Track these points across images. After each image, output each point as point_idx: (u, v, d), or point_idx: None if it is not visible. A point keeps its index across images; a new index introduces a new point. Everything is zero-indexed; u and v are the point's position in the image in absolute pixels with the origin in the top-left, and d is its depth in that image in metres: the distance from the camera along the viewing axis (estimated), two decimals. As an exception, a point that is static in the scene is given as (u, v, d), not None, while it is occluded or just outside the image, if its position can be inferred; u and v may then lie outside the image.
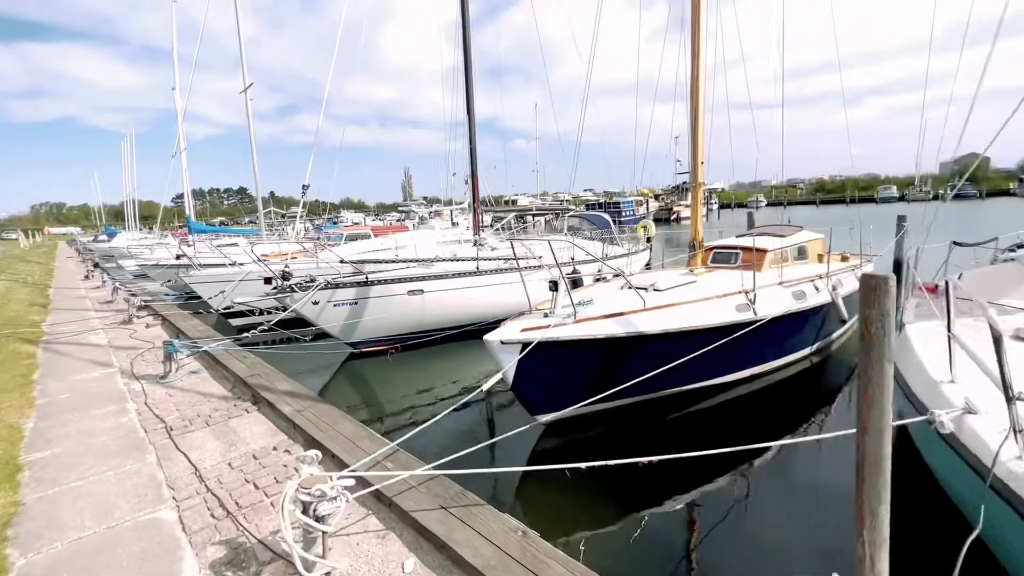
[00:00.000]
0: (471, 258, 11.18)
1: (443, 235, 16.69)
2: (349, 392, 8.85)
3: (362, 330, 10.37)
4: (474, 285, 11.10)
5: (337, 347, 10.26)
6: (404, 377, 9.27)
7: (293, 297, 9.53)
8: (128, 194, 52.85)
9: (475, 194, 12.45)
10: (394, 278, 10.33)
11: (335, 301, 9.96)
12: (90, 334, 9.32)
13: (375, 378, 9.40)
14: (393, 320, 10.56)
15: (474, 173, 12.33)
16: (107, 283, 16.95)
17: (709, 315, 6.67)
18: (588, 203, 58.11)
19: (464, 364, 9.72)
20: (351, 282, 9.99)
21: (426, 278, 10.61)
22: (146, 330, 9.57)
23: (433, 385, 8.66)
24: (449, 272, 10.85)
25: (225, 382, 6.18)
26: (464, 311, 11.16)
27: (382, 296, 10.29)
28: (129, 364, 7.21)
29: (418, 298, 10.56)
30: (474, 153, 12.26)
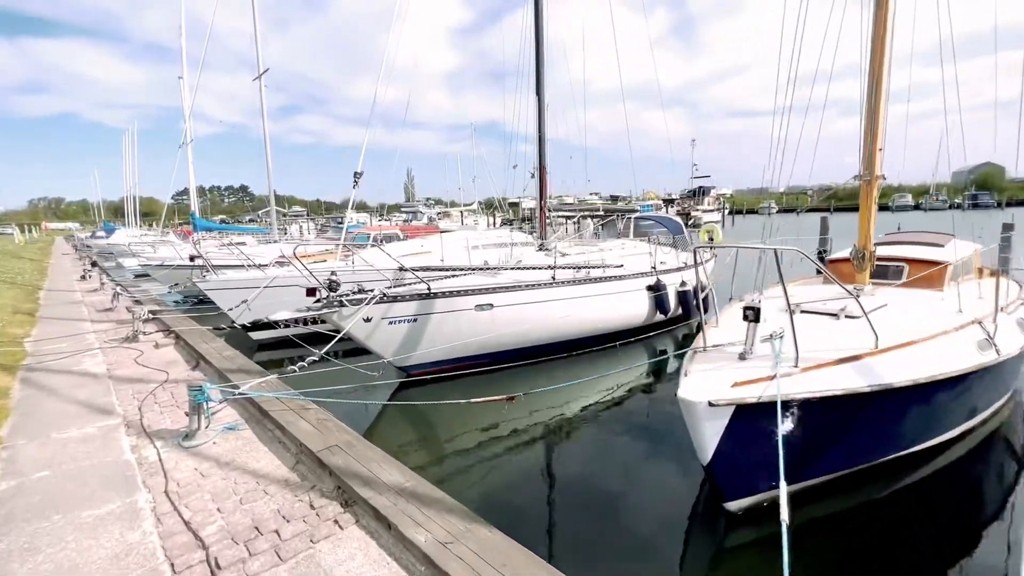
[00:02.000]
0: (547, 266, 9.16)
1: (486, 237, 14.67)
2: (447, 455, 6.78)
3: (420, 352, 8.33)
4: (551, 298, 9.08)
5: (369, 368, 8.22)
6: (506, 420, 7.19)
7: (342, 313, 7.48)
8: (128, 189, 50.27)
9: (542, 191, 10.45)
10: (460, 289, 8.30)
11: (391, 317, 7.92)
12: (85, 357, 7.20)
13: (450, 422, 7.33)
14: (456, 340, 8.52)
15: (542, 166, 10.33)
16: (106, 285, 14.76)
17: (954, 356, 4.70)
18: (607, 209, 56.18)
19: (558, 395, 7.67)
20: (412, 294, 7.95)
21: (496, 289, 8.58)
22: (155, 352, 7.46)
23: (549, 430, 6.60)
24: (521, 282, 8.82)
25: (283, 451, 4.12)
26: (538, 329, 9.14)
27: (446, 311, 8.26)
28: (137, 409, 5.12)
29: (486, 314, 8.53)
30: (543, 142, 10.27)
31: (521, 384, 8.30)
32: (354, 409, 6.63)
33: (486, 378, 8.59)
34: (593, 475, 5.07)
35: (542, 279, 9.12)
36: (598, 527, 4.26)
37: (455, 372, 8.20)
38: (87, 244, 39.68)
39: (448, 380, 8.52)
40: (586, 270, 9.65)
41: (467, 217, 48.78)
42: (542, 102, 10.16)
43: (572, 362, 9.26)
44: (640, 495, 4.82)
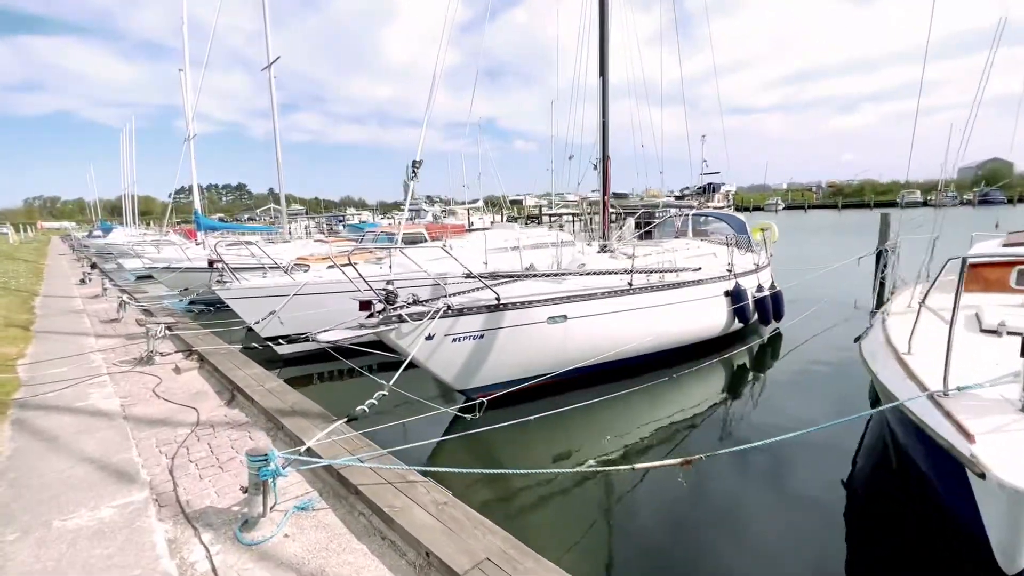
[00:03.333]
0: (623, 270, 7.85)
1: (527, 236, 13.34)
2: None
3: (484, 372, 7.03)
4: (628, 307, 7.79)
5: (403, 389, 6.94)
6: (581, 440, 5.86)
7: (400, 331, 6.16)
8: (126, 188, 48.40)
9: (605, 183, 9.14)
10: (531, 299, 6.99)
11: (455, 334, 6.61)
12: (92, 387, 5.84)
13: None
14: (525, 357, 7.23)
15: (606, 155, 9.02)
16: (108, 290, 13.32)
17: None
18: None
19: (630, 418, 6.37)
20: (480, 306, 6.64)
21: (571, 298, 7.28)
22: (177, 379, 6.10)
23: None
24: (596, 290, 7.53)
25: (391, 553, 2.80)
26: (613, 343, 7.85)
27: (515, 325, 6.95)
28: (167, 472, 3.78)
29: (560, 326, 7.23)
30: (606, 128, 8.94)
31: (597, 408, 7.03)
32: (427, 450, 5.31)
33: (556, 401, 7.30)
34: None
35: (616, 285, 7.82)
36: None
37: (516, 393, 6.98)
38: (84, 244, 37.99)
39: (515, 404, 7.25)
40: (659, 274, 8.36)
41: (472, 215, 47.28)
42: (606, 83, 8.84)
43: (647, 380, 7.98)
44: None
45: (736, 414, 6.68)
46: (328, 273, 9.61)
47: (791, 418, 6.26)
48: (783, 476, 4.85)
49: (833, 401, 6.86)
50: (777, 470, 4.95)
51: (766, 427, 6.02)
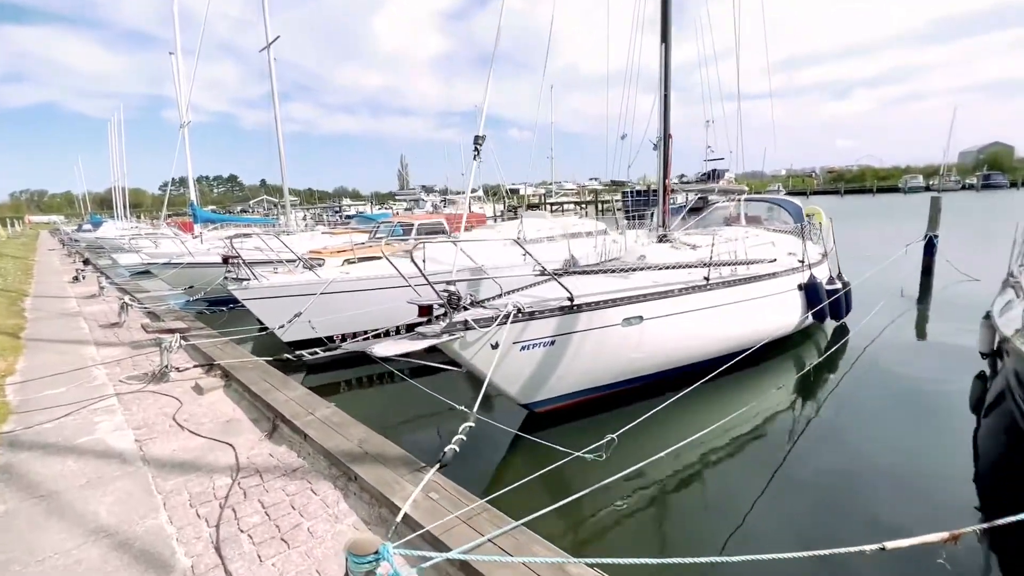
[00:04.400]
0: (701, 263, 6.84)
1: (559, 225, 12.29)
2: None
3: (553, 383, 6.04)
4: (705, 305, 6.82)
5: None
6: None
7: (466, 338, 5.15)
8: (116, 180, 46.51)
9: (666, 164, 8.09)
10: (606, 299, 5.99)
11: (524, 341, 5.60)
12: (97, 414, 4.77)
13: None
14: (597, 365, 6.25)
15: (667, 133, 7.96)
16: (105, 289, 12.13)
17: None
18: (624, 191, 53.50)
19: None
20: (552, 309, 5.63)
21: (647, 297, 6.29)
22: (199, 401, 5.03)
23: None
24: (672, 287, 6.54)
25: None
26: (689, 344, 6.91)
27: (588, 328, 5.96)
28: (213, 554, 2.75)
29: (635, 328, 6.25)
30: (667, 103, 7.87)
31: (673, 419, 6.07)
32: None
33: (624, 413, 6.35)
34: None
35: (689, 281, 6.83)
36: None
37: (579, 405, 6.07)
38: (74, 238, 36.36)
39: (582, 417, 6.29)
40: (730, 267, 7.37)
41: (474, 204, 46.00)
42: (668, 50, 7.76)
43: (721, 385, 7.04)
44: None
45: (847, 426, 5.72)
46: (356, 268, 8.53)
47: (926, 439, 5.31)
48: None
49: (948, 412, 5.91)
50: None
51: (900, 446, 5.07)
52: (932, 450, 5.07)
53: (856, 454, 5.03)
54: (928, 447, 5.11)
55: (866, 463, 4.80)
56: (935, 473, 4.56)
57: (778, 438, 5.51)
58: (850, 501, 4.12)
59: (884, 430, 5.53)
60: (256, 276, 7.58)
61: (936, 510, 3.94)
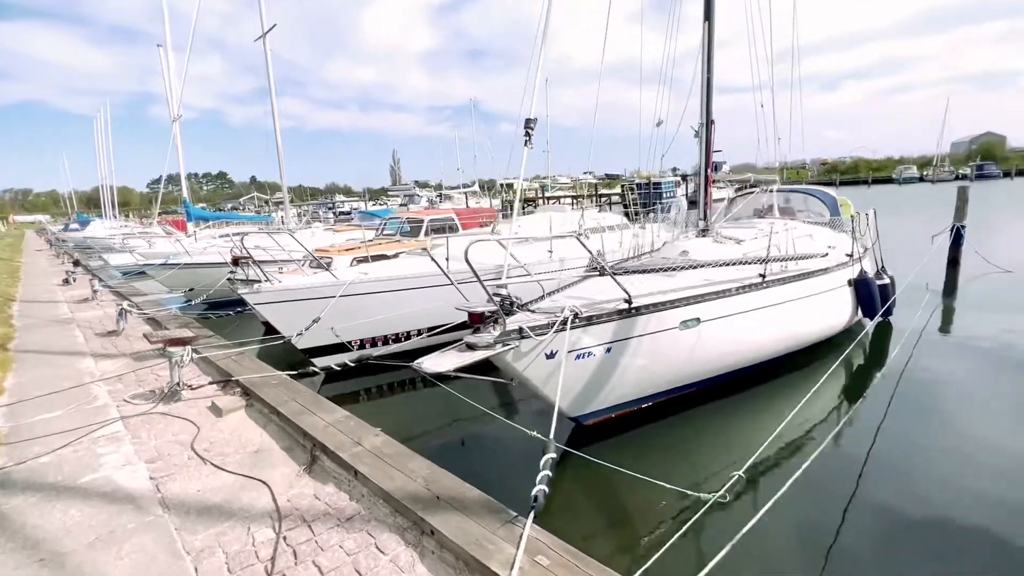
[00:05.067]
0: (757, 259, 6.26)
1: (579, 220, 11.65)
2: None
3: (606, 393, 5.46)
4: (762, 304, 6.26)
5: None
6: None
7: (520, 348, 4.55)
8: (103, 178, 45.11)
9: (708, 151, 7.48)
10: (664, 301, 5.41)
11: (580, 349, 5.00)
12: (101, 444, 4.09)
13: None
14: (652, 372, 5.68)
15: (709, 119, 7.35)
16: (99, 292, 11.33)
17: None
18: (623, 184, 52.78)
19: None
20: (610, 313, 5.03)
21: (704, 297, 5.71)
22: (219, 425, 4.37)
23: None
24: (730, 287, 5.97)
25: None
26: (745, 347, 6.36)
27: (644, 333, 5.37)
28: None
29: (692, 332, 5.67)
30: (710, 86, 7.25)
31: (731, 429, 5.57)
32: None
33: (675, 424, 5.81)
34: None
35: (741, 278, 6.26)
36: None
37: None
38: (61, 238, 35.12)
39: (632, 429, 5.73)
40: (782, 263, 6.81)
41: (471, 199, 45.12)
42: (711, 29, 7.14)
43: (774, 391, 6.53)
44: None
45: (932, 430, 5.18)
46: (375, 268, 7.86)
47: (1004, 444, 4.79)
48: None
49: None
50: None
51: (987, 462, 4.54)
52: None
53: (961, 459, 4.51)
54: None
55: (978, 469, 4.29)
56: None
57: (854, 448, 4.95)
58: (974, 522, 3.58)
59: (979, 431, 5.02)
60: (269, 278, 6.88)
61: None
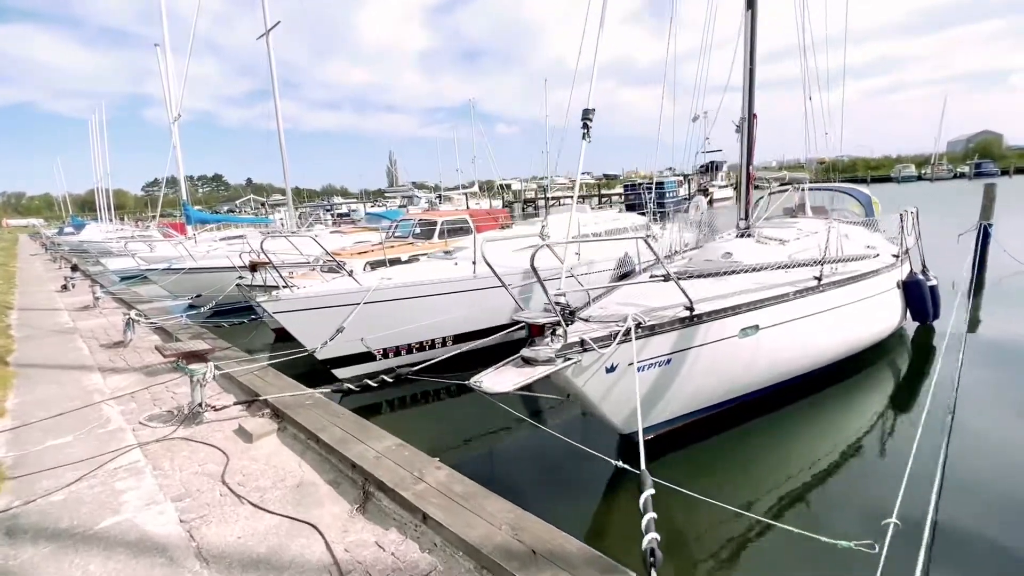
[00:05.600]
0: (813, 261, 5.84)
1: (601, 221, 11.23)
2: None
3: (662, 407, 5.04)
4: (819, 309, 5.84)
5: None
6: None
7: (583, 361, 4.12)
8: (98, 181, 44.31)
9: (750, 147, 7.06)
10: (724, 308, 4.99)
11: (641, 361, 4.56)
12: (119, 478, 3.61)
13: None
14: (709, 383, 5.26)
15: (751, 113, 6.93)
16: (101, 299, 10.80)
17: None
18: (625, 183, 52.50)
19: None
20: (672, 321, 4.61)
21: (764, 303, 5.29)
22: (249, 453, 3.90)
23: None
24: (787, 291, 5.55)
25: None
26: (799, 356, 5.95)
27: (704, 343, 4.95)
28: None
29: (751, 340, 5.26)
30: (753, 77, 6.83)
31: (789, 444, 5.16)
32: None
33: (730, 439, 5.40)
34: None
35: (794, 281, 5.84)
36: None
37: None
38: (56, 242, 34.38)
39: (687, 445, 5.30)
40: (831, 264, 6.39)
41: (471, 200, 44.63)
42: (755, 17, 6.71)
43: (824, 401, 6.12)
44: None
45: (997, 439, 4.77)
46: (401, 273, 7.38)
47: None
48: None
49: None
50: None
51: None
52: None
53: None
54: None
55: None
56: None
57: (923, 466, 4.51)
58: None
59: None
60: (289, 285, 6.40)
61: None
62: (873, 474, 4.62)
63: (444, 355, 7.83)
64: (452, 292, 7.22)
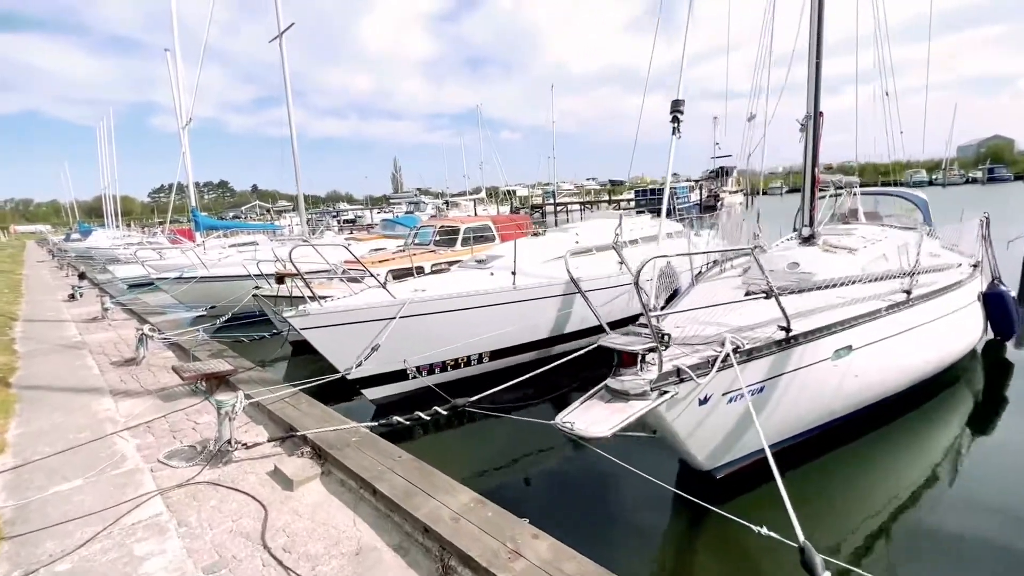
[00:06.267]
0: (903, 273, 5.23)
1: (638, 226, 10.60)
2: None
3: (747, 439, 4.40)
4: (910, 325, 5.22)
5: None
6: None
7: (678, 393, 3.51)
8: (105, 187, 43.90)
9: (815, 147, 6.45)
10: (819, 328, 4.37)
11: (734, 391, 3.95)
12: (138, 537, 2.98)
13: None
14: (794, 411, 4.63)
15: (817, 111, 6.34)
16: (110, 311, 10.22)
17: None
18: (636, 189, 51.76)
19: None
20: (769, 344, 4.00)
21: (857, 321, 4.67)
22: (292, 501, 3.28)
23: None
24: (880, 307, 4.92)
25: None
26: (888, 378, 5.32)
27: (798, 367, 4.33)
28: None
29: (843, 362, 4.64)
30: (819, 71, 6.25)
31: (869, 475, 4.54)
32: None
33: (807, 469, 4.78)
34: None
35: (878, 294, 5.22)
36: None
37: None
38: (63, 249, 33.91)
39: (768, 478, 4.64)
40: (910, 276, 5.76)
41: (478, 206, 44.07)
42: (822, 7, 6.13)
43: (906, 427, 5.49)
44: None
45: None
46: (435, 284, 6.77)
47: None
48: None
49: None
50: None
51: None
52: None
53: None
54: None
55: None
56: None
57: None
58: None
59: None
60: (318, 299, 5.78)
61: None
62: (964, 510, 4.01)
63: (480, 371, 7.25)
64: (492, 305, 6.61)
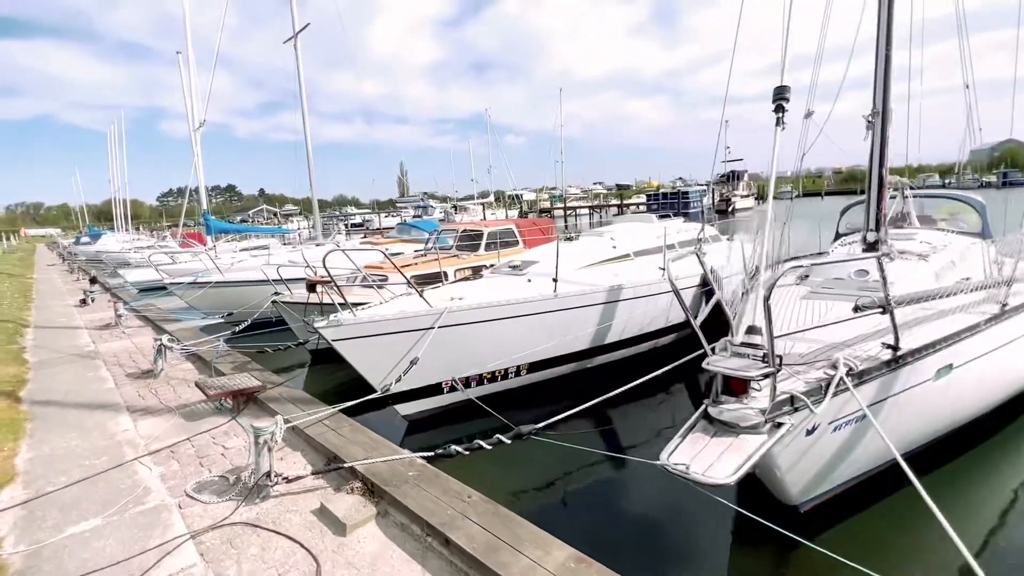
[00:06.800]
0: (998, 282, 4.73)
1: (674, 230, 10.09)
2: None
3: (839, 470, 3.91)
4: (1003, 341, 4.71)
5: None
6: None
7: (792, 425, 3.01)
8: (115, 191, 43.77)
9: (882, 149, 5.97)
10: (923, 346, 3.87)
11: (840, 419, 3.46)
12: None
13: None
14: (896, 434, 4.10)
15: (886, 107, 5.86)
16: (123, 317, 9.79)
17: None
18: (648, 193, 51.23)
19: None
20: (880, 365, 3.50)
21: (958, 337, 4.17)
22: (346, 550, 2.80)
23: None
24: (979, 321, 4.42)
25: None
26: (988, 394, 4.83)
27: (901, 389, 3.83)
28: None
29: (943, 381, 4.14)
30: (888, 64, 5.76)
31: (954, 501, 4.00)
32: None
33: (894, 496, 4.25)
34: None
35: (964, 305, 4.71)
36: None
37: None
38: (73, 252, 33.67)
39: (853, 510, 4.16)
40: (1007, 285, 5.25)
41: (487, 210, 43.55)
42: (890, 23, 5.65)
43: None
44: None
45: None
46: (472, 292, 6.28)
47: None
48: None
49: None
50: None
51: None
52: None
53: None
54: None
55: None
56: None
57: None
58: None
59: None
60: (352, 308, 5.31)
61: None
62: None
63: (517, 385, 6.76)
64: (534, 314, 6.13)
